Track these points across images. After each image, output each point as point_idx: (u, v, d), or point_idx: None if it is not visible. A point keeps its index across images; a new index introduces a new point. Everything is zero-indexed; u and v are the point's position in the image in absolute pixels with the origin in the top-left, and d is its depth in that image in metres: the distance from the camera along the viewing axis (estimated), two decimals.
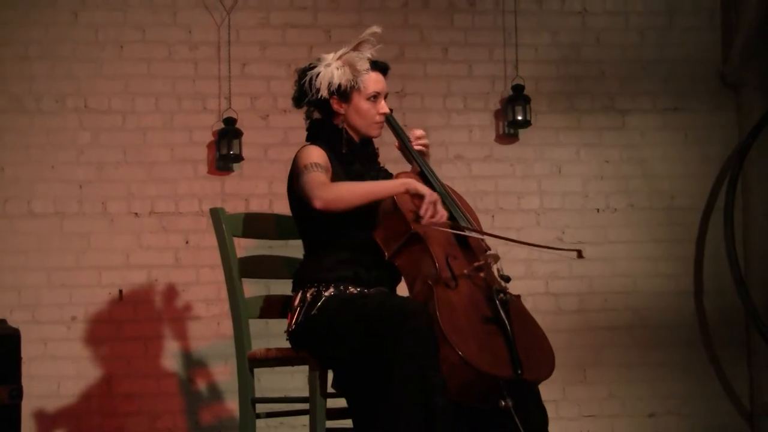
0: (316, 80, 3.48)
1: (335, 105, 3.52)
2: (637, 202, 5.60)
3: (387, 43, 5.45)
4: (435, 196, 3.31)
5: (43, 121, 5.29)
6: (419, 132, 3.62)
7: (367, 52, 3.52)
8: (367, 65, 3.49)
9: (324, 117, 3.57)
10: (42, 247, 5.23)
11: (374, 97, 3.52)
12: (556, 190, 5.56)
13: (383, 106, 3.54)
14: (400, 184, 3.35)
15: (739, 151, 5.53)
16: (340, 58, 3.50)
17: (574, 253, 3.35)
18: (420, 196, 3.30)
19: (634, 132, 5.64)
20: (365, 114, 3.52)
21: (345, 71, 3.47)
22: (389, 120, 3.57)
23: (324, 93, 3.48)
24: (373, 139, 3.64)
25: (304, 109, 3.61)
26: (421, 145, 3.59)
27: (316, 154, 3.46)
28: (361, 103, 3.51)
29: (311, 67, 3.53)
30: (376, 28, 3.52)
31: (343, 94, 3.49)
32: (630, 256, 5.55)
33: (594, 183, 5.59)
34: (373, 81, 3.51)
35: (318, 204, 3.32)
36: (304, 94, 3.54)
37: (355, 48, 3.52)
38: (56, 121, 5.30)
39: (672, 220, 5.60)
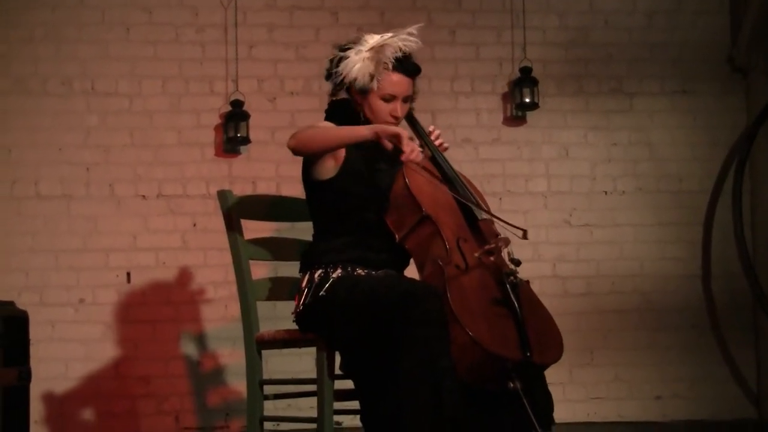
0: (339, 66, 3.47)
1: (354, 94, 3.51)
2: (644, 185, 5.58)
3: (394, 26, 5.49)
4: (405, 132, 3.26)
5: (50, 104, 5.28)
6: (433, 129, 3.63)
7: (398, 50, 3.43)
8: (390, 64, 3.43)
9: (348, 97, 3.55)
10: (49, 230, 5.23)
11: (389, 98, 3.49)
12: (563, 172, 5.55)
13: (396, 109, 3.48)
14: (369, 128, 3.32)
15: (747, 135, 5.51)
16: (372, 49, 3.45)
17: (521, 233, 3.27)
18: (395, 136, 3.26)
19: (642, 115, 5.63)
20: (376, 112, 3.50)
21: (367, 66, 3.43)
22: (411, 120, 3.56)
23: (344, 81, 3.47)
24: None
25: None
26: (438, 142, 3.60)
27: (323, 124, 3.47)
28: (375, 101, 3.48)
29: (346, 48, 3.50)
30: (413, 29, 3.48)
31: (360, 89, 3.47)
32: (638, 239, 5.55)
33: (602, 166, 5.58)
34: (391, 82, 3.46)
35: (290, 143, 3.36)
36: (331, 73, 3.53)
37: (393, 36, 3.46)
38: (63, 103, 5.29)
39: (680, 204, 5.58)
